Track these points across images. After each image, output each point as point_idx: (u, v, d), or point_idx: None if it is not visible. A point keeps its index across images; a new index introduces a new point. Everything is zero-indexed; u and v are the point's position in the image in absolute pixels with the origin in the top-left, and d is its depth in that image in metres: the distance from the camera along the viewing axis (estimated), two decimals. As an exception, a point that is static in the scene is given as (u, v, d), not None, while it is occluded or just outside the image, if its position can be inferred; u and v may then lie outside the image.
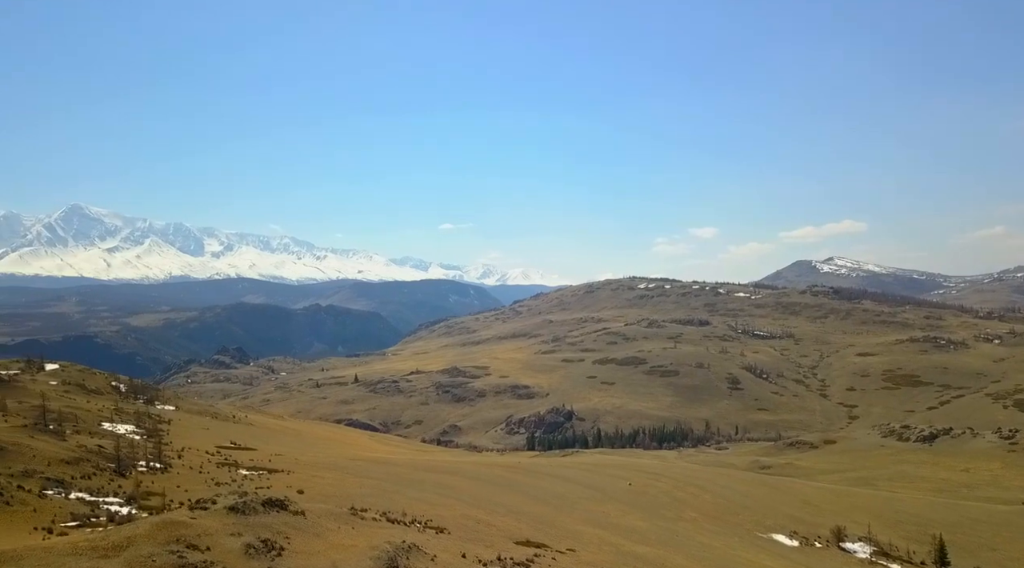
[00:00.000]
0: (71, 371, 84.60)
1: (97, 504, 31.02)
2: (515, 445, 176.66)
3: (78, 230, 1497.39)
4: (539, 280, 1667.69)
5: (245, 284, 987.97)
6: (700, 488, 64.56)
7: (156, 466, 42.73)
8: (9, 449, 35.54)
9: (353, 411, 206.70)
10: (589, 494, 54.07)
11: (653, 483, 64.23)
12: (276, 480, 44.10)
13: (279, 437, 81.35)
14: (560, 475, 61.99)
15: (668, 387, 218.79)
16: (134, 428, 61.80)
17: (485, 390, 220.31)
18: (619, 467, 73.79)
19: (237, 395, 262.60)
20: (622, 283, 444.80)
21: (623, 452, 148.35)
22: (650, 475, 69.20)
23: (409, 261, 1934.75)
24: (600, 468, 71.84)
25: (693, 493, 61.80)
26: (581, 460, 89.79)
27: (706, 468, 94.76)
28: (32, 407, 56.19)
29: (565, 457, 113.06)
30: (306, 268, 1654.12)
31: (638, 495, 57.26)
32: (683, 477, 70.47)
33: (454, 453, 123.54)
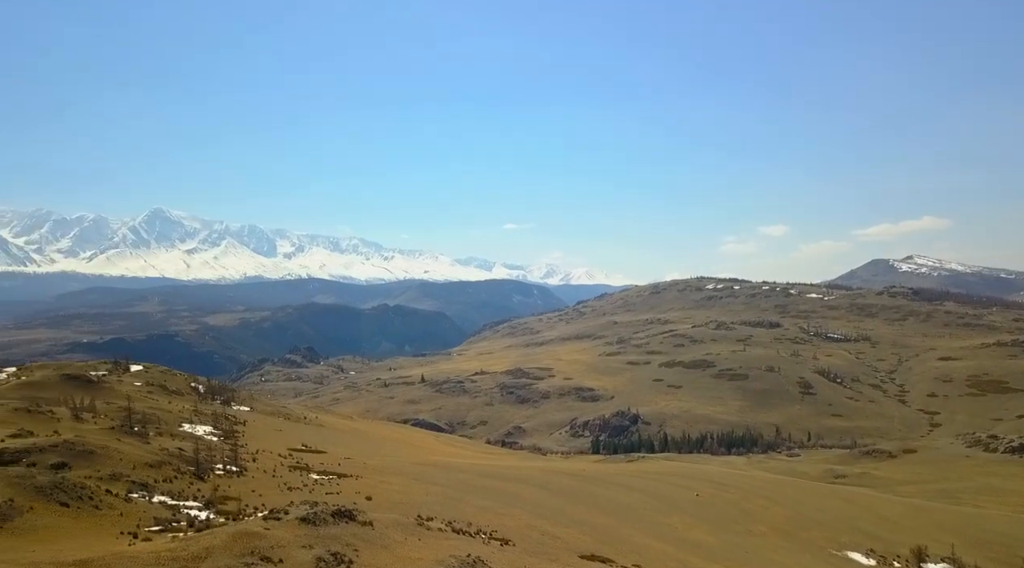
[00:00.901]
0: (154, 372, 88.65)
1: (178, 508, 32.38)
2: (579, 448, 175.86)
3: (160, 233, 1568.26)
4: (603, 280, 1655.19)
5: (316, 284, 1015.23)
6: (770, 500, 62.82)
7: (232, 469, 44.36)
8: (98, 452, 37.43)
9: (419, 411, 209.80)
10: (654, 504, 53.34)
11: (721, 494, 62.86)
12: (345, 485, 45.16)
13: (348, 439, 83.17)
14: (625, 484, 61.35)
15: (737, 391, 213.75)
16: (212, 429, 64.34)
17: (549, 392, 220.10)
18: (685, 476, 72.52)
19: (308, 394, 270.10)
20: (689, 284, 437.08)
21: (690, 457, 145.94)
22: (717, 485, 67.75)
23: (473, 261, 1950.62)
24: (665, 476, 70.77)
25: (763, 505, 60.20)
26: (646, 467, 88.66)
27: (776, 478, 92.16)
28: (119, 409, 59.15)
29: (630, 462, 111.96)
30: (374, 268, 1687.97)
31: (705, 506, 56.16)
32: (752, 488, 68.72)
33: (519, 456, 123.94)
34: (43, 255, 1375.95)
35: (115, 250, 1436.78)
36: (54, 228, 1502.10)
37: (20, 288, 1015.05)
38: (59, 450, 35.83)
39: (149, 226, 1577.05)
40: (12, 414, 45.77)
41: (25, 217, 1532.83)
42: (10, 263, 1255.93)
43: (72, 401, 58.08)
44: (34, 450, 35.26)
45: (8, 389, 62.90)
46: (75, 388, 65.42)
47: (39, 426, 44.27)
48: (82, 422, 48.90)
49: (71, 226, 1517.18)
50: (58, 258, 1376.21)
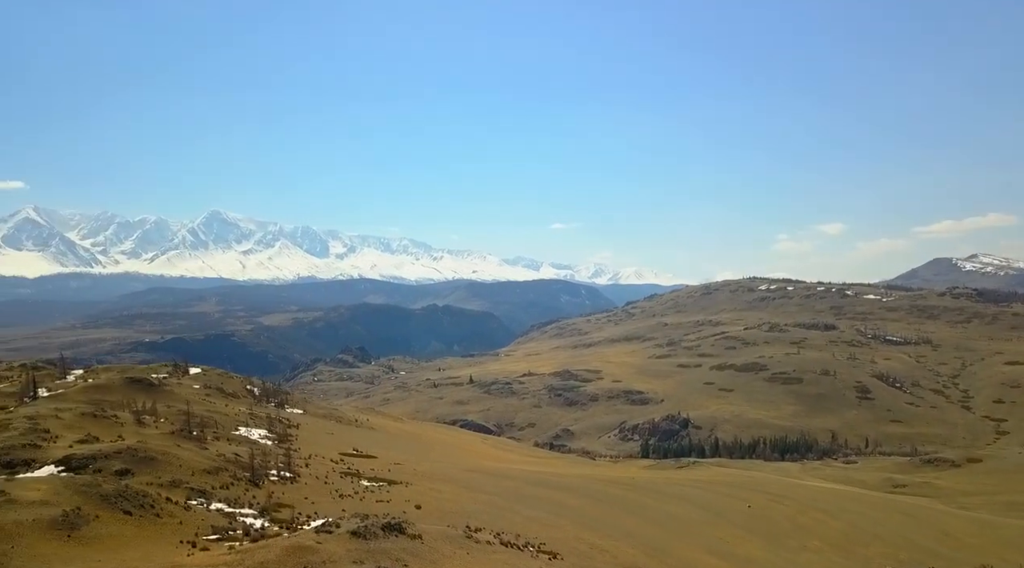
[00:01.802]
0: (211, 375, 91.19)
1: (234, 516, 33.26)
2: (629, 452, 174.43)
3: (217, 234, 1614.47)
4: (653, 279, 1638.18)
5: (367, 284, 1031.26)
6: (826, 513, 61.25)
7: (286, 476, 45.36)
8: (159, 459, 38.72)
9: (468, 412, 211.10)
10: (705, 516, 52.55)
11: (774, 505, 61.54)
12: (395, 493, 45.74)
13: (398, 442, 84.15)
14: (674, 493, 60.60)
15: (790, 395, 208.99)
16: (266, 433, 65.91)
17: (597, 394, 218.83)
18: (737, 486, 71.20)
19: (359, 394, 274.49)
20: (741, 284, 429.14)
21: (742, 463, 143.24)
22: (770, 496, 66.35)
23: (521, 261, 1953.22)
24: (717, 486, 69.61)
25: (818, 518, 58.72)
26: (696, 475, 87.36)
27: (832, 489, 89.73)
28: (178, 412, 61.09)
29: (680, 468, 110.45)
30: (424, 268, 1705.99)
31: (758, 519, 55.06)
32: (807, 499, 67.09)
33: (567, 460, 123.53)
34: (108, 256, 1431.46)
35: (175, 251, 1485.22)
36: (118, 231, 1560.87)
37: (87, 288, 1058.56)
38: (123, 457, 37.20)
39: (207, 228, 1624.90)
40: (80, 419, 47.67)
41: (91, 220, 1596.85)
42: (78, 264, 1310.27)
43: (134, 404, 60.26)
44: (100, 456, 36.69)
45: (76, 391, 65.48)
46: (137, 391, 67.75)
47: (104, 431, 46.03)
48: (144, 427, 50.64)
49: (134, 228, 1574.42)
50: (122, 259, 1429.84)
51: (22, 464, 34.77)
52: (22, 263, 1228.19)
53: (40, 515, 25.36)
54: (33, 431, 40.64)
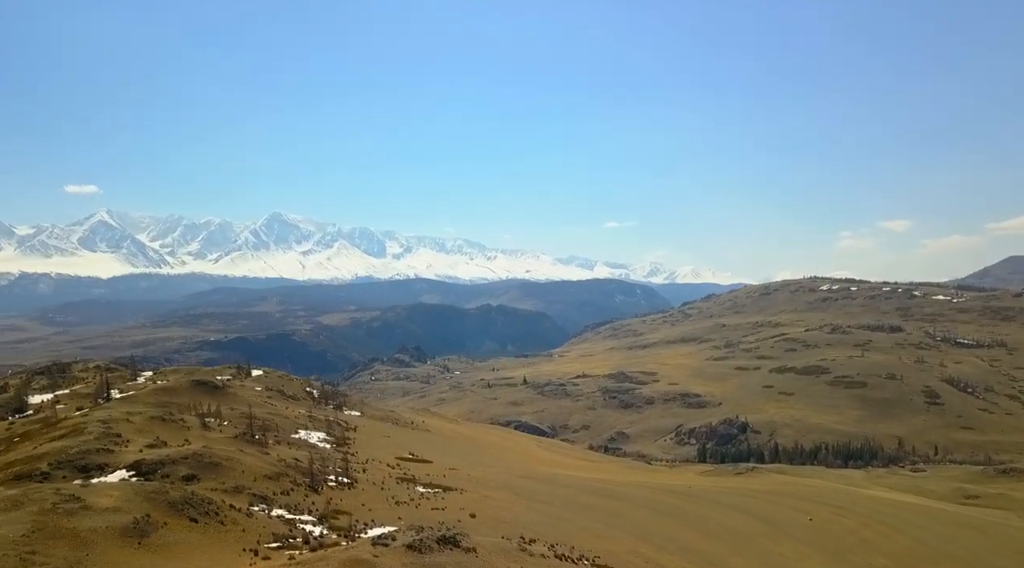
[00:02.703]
0: (272, 377, 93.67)
1: (294, 523, 34.06)
2: (685, 456, 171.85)
3: (278, 235, 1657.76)
4: (710, 278, 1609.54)
5: (422, 284, 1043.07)
6: (892, 527, 59.12)
7: (344, 481, 46.23)
8: (223, 464, 39.95)
9: (522, 413, 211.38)
10: (764, 530, 51.35)
11: (837, 519, 59.74)
12: (450, 500, 46.10)
13: (453, 446, 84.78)
14: (733, 504, 59.40)
15: (854, 400, 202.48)
16: (325, 436, 67.37)
17: (653, 397, 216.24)
18: (798, 496, 69.35)
19: (415, 393, 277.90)
20: (802, 284, 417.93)
21: (803, 470, 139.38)
22: (833, 508, 64.41)
23: (575, 260, 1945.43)
24: (777, 496, 67.94)
25: (884, 533, 56.73)
26: (756, 484, 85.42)
27: (900, 498, 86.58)
28: (241, 415, 62.95)
29: (739, 475, 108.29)
30: (478, 268, 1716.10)
31: (819, 533, 53.53)
32: (872, 512, 64.88)
33: (622, 464, 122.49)
34: (175, 257, 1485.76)
35: (238, 252, 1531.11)
36: (185, 232, 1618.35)
37: (156, 288, 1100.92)
38: (189, 462, 38.50)
39: (268, 229, 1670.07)
40: (149, 422, 49.57)
41: (160, 222, 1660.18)
42: (147, 265, 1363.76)
43: (200, 407, 62.39)
44: (168, 461, 38.06)
45: (146, 394, 68.14)
46: (203, 394, 70.11)
47: (172, 435, 47.79)
48: (209, 430, 52.35)
49: (199, 230, 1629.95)
50: (188, 260, 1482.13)
51: (96, 468, 36.33)
52: (96, 264, 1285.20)
53: (112, 522, 26.41)
54: (106, 435, 42.44)
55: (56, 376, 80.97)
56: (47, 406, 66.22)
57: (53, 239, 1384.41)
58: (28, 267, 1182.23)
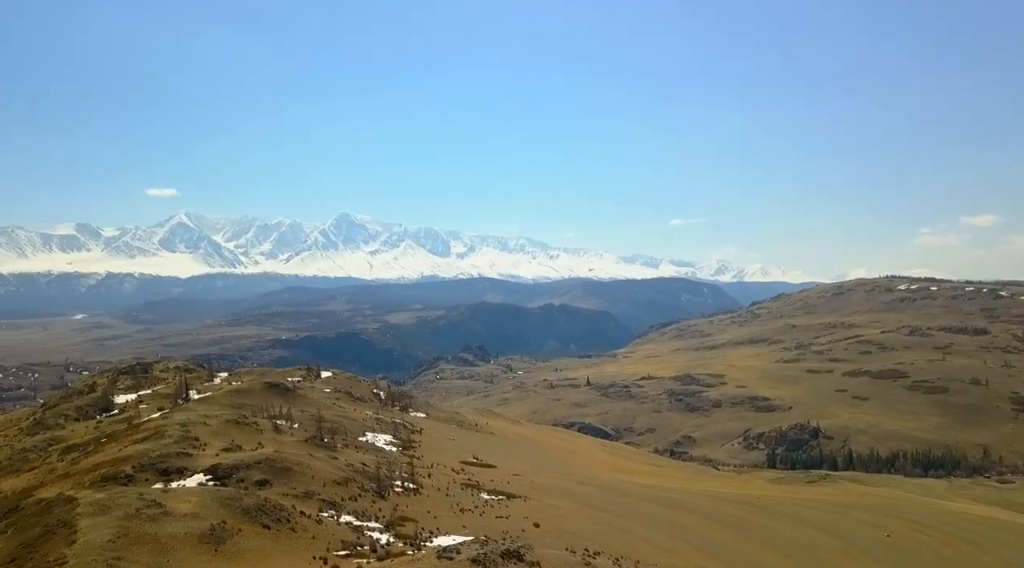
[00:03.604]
0: (341, 379, 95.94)
1: (362, 531, 34.77)
2: (753, 461, 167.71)
3: (346, 236, 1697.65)
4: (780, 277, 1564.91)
5: (485, 283, 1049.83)
6: (976, 546, 56.27)
7: (410, 487, 46.96)
8: (294, 469, 41.13)
9: (586, 415, 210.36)
10: (836, 545, 49.65)
11: (916, 535, 57.24)
12: (514, 508, 46.23)
13: (516, 449, 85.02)
14: (803, 517, 57.65)
15: (934, 406, 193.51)
16: (391, 438, 68.60)
17: (720, 400, 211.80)
18: (874, 510, 66.72)
19: (479, 393, 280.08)
20: (878, 283, 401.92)
21: (880, 478, 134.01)
22: (912, 523, 61.75)
23: (639, 258, 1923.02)
24: (851, 510, 65.54)
25: (966, 552, 54.06)
26: (828, 494, 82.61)
27: (986, 512, 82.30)
28: (311, 417, 64.77)
29: (810, 483, 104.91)
30: (540, 267, 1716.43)
31: (897, 551, 51.39)
32: (954, 529, 61.91)
33: (688, 469, 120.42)
34: (249, 257, 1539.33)
35: (308, 252, 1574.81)
36: (257, 233, 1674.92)
37: (231, 288, 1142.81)
38: (262, 467, 39.80)
39: (337, 230, 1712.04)
40: (224, 426, 51.45)
41: (234, 223, 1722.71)
42: (223, 265, 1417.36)
43: (272, 409, 64.49)
44: (242, 466, 39.44)
45: (222, 395, 70.85)
46: (275, 396, 72.40)
47: (246, 438, 49.48)
48: (280, 434, 54.00)
49: (271, 231, 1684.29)
50: (261, 260, 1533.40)
51: (176, 472, 37.95)
52: (175, 264, 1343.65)
53: (191, 529, 27.53)
54: (185, 439, 44.29)
55: (139, 376, 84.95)
56: (131, 406, 69.67)
57: (136, 240, 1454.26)
58: (114, 267, 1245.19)
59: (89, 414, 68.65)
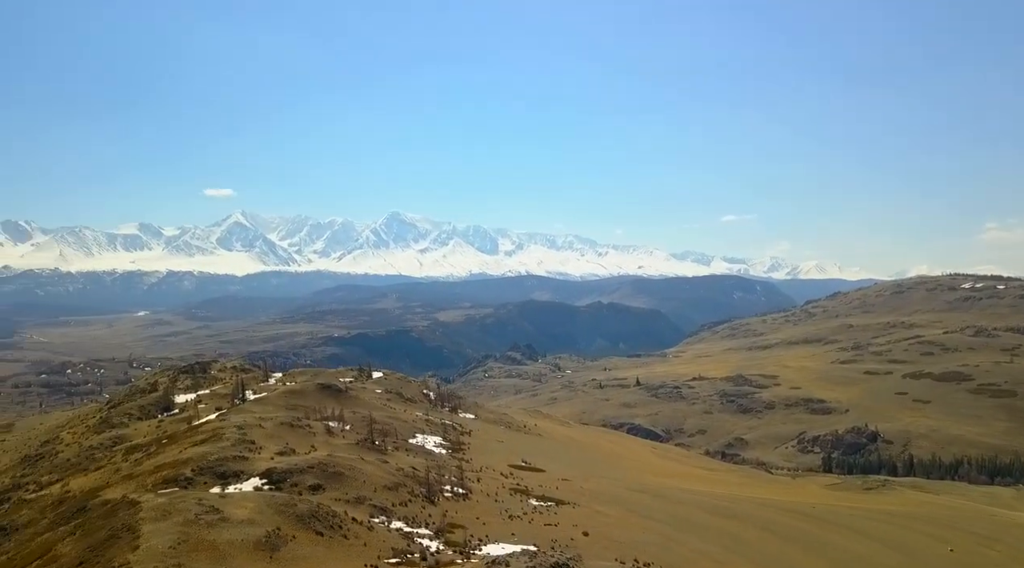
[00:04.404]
0: (391, 380, 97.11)
1: (412, 538, 35.09)
2: (808, 465, 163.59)
3: (397, 234, 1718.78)
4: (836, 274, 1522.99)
5: (533, 281, 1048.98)
6: (1048, 563, 53.75)
7: (459, 492, 47.23)
8: (346, 474, 41.79)
9: (635, 415, 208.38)
10: (898, 560, 48.06)
11: (981, 549, 55.03)
12: (563, 515, 46.01)
13: (565, 452, 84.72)
14: (861, 529, 55.96)
15: (1001, 410, 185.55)
16: (441, 440, 69.09)
17: (774, 402, 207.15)
18: (936, 521, 64.36)
19: (527, 391, 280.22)
20: (940, 281, 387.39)
21: (942, 485, 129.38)
22: (977, 537, 59.38)
23: (690, 255, 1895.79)
24: (913, 521, 63.37)
25: (1038, 570, 51.69)
26: (888, 503, 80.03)
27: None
28: (362, 419, 65.68)
29: (868, 491, 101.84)
30: (588, 264, 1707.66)
31: (960, 567, 49.47)
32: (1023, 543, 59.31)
33: (740, 472, 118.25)
34: (302, 256, 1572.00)
35: (359, 251, 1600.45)
36: (311, 232, 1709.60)
37: (285, 285, 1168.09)
38: (315, 471, 40.55)
39: (388, 228, 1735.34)
40: (279, 428, 52.59)
41: (288, 222, 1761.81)
42: (278, 263, 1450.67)
43: (324, 410, 65.68)
44: (296, 471, 40.26)
45: (276, 396, 72.48)
46: (327, 397, 73.71)
47: (299, 441, 50.49)
48: (332, 436, 54.94)
49: (324, 230, 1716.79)
50: (314, 258, 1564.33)
51: (233, 475, 38.94)
52: (232, 262, 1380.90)
53: (247, 535, 28.18)
54: (241, 442, 45.41)
55: (198, 376, 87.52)
56: (190, 406, 71.83)
57: (195, 240, 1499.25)
58: (174, 265, 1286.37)
59: (151, 413, 71.03)
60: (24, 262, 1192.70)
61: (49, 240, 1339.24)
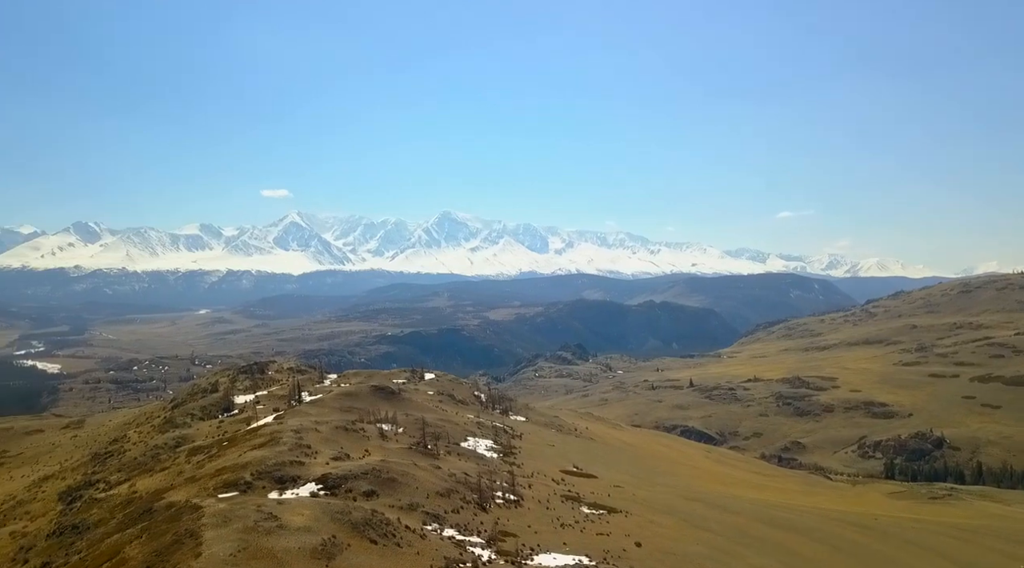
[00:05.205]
0: (444, 381, 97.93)
1: (464, 546, 35.22)
2: (869, 471, 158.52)
3: (448, 233, 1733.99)
4: (899, 272, 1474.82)
5: (584, 280, 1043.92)
6: None
7: (511, 498, 47.22)
8: (399, 480, 42.22)
9: (688, 418, 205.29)
10: (967, 579, 46.09)
11: (1059, 569, 52.29)
12: (615, 523, 45.57)
13: (617, 457, 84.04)
14: (927, 544, 53.93)
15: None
16: (492, 444, 69.30)
17: (832, 405, 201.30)
18: (1009, 538, 61.48)
19: (578, 392, 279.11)
20: (1011, 280, 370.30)
21: (1015, 495, 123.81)
22: (1054, 554, 56.45)
23: (745, 253, 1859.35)
24: (981, 536, 60.75)
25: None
26: (955, 515, 76.90)
27: None
28: (415, 421, 66.41)
29: (935, 499, 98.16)
30: (640, 262, 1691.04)
31: (1037, 587, 47.16)
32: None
33: (797, 478, 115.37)
34: (356, 255, 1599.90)
35: (411, 249, 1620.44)
36: (364, 231, 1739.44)
37: (340, 284, 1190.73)
38: (369, 477, 41.07)
39: (439, 227, 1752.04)
40: (334, 432, 53.50)
41: (343, 222, 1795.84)
42: (332, 262, 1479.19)
43: (378, 413, 66.58)
44: (350, 477, 40.85)
45: (332, 398, 73.81)
46: (380, 399, 74.76)
47: (354, 445, 51.27)
48: (386, 440, 55.64)
49: (377, 229, 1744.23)
50: (367, 257, 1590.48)
51: (290, 480, 39.76)
52: (289, 262, 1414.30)
53: (304, 543, 28.70)
54: (298, 446, 46.36)
55: (256, 377, 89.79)
56: (249, 407, 73.76)
57: (253, 239, 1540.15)
58: (233, 265, 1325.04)
59: (212, 414, 73.18)
60: (94, 262, 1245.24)
61: (116, 241, 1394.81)
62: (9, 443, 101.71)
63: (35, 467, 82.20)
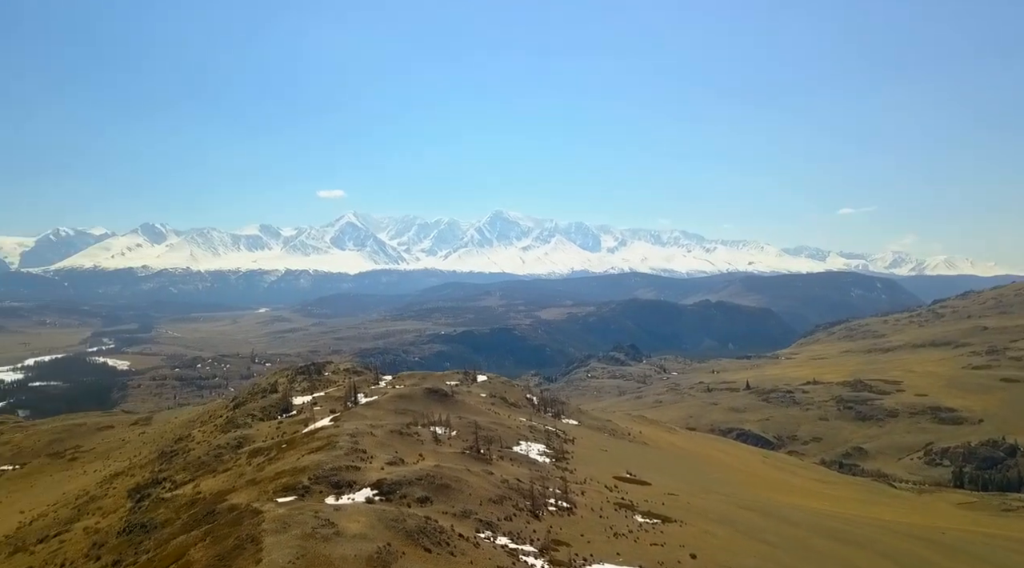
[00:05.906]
0: (496, 383, 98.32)
1: (516, 555, 35.29)
2: (936, 479, 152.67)
3: (500, 232, 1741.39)
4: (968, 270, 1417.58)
5: (637, 279, 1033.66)
6: None
7: (563, 506, 47.09)
8: (452, 486, 42.56)
9: (744, 421, 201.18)
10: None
11: None
12: (669, 533, 45.00)
13: (671, 463, 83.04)
14: (999, 562, 51.69)
15: None
16: (544, 448, 69.25)
17: (897, 409, 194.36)
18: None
19: (631, 393, 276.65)
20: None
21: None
22: None
23: (804, 251, 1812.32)
24: (1059, 553, 57.89)
25: None
26: (1030, 530, 73.50)
27: None
28: (468, 425, 66.87)
29: (1008, 511, 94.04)
30: (695, 261, 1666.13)
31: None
32: None
33: (859, 485, 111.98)
34: (410, 254, 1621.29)
35: (464, 249, 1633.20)
36: (418, 231, 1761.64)
37: (395, 283, 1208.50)
38: (423, 483, 41.54)
39: (491, 227, 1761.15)
40: (389, 436, 54.28)
41: (397, 222, 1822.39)
42: (387, 261, 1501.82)
43: (432, 416, 67.30)
44: (404, 482, 41.38)
45: (387, 400, 74.97)
46: (434, 402, 75.59)
47: (408, 449, 51.94)
48: (439, 444, 56.19)
49: (431, 229, 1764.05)
50: (421, 256, 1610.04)
51: (346, 485, 40.52)
52: (345, 261, 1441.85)
53: (360, 551, 29.20)
54: (354, 450, 47.21)
55: (313, 378, 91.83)
56: (306, 408, 75.48)
57: (310, 239, 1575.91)
58: (291, 264, 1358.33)
59: (272, 414, 75.17)
60: (160, 262, 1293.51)
61: (181, 241, 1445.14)
62: (83, 438, 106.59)
63: (106, 462, 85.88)
